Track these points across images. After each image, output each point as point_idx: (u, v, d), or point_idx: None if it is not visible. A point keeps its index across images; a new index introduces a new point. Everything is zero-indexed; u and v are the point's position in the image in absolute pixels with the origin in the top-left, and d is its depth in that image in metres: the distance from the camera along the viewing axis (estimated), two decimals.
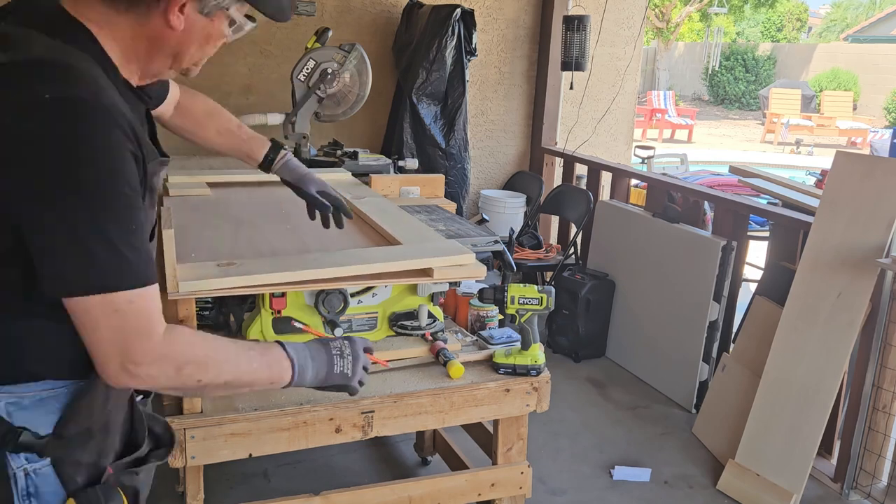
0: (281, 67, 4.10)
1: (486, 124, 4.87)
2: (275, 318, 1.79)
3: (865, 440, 2.63)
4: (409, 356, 1.90)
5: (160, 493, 2.52)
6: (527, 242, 4.16)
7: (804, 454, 2.55)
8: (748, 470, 2.66)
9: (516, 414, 1.93)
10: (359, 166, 3.03)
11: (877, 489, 2.63)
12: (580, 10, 4.57)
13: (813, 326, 2.61)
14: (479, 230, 2.29)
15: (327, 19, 4.23)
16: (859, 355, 2.64)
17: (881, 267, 2.49)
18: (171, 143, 4.57)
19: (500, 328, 2.08)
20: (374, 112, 4.34)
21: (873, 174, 2.59)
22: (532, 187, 4.68)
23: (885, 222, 2.50)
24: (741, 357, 2.97)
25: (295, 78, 3.05)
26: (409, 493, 1.90)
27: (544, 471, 2.73)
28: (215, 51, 1.18)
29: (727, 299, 3.22)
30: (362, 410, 1.72)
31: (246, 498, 1.86)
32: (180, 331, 1.07)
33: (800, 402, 2.59)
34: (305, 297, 1.80)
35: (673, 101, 15.40)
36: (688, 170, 6.64)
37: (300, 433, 1.68)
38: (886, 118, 17.19)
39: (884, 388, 2.58)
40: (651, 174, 4.50)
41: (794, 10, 26.20)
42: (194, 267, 1.56)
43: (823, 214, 2.68)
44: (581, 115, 4.89)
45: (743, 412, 2.76)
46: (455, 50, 4.18)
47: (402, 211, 2.21)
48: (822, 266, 2.63)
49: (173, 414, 1.61)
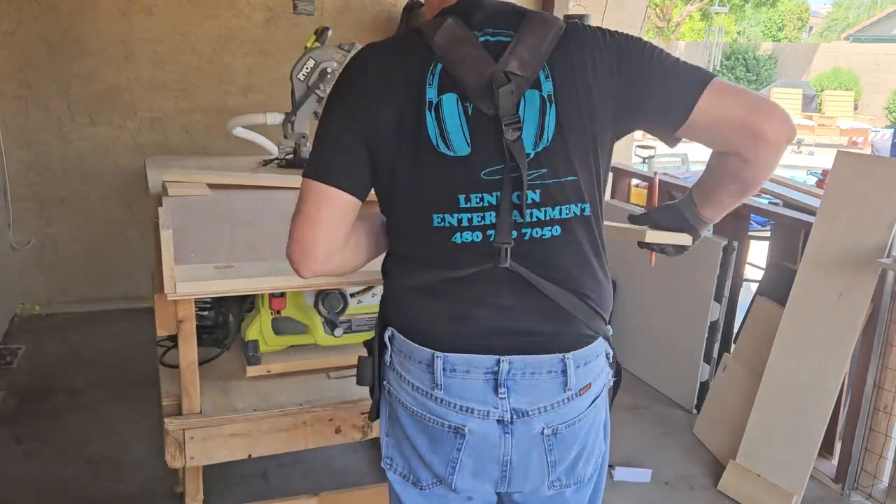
0: (280, 67, 4.09)
1: None
2: (275, 318, 1.79)
3: (866, 441, 2.62)
4: None
5: (160, 493, 2.52)
6: None
7: (805, 455, 2.55)
8: (749, 471, 2.66)
9: None
10: None
11: (878, 490, 2.63)
12: (581, 9, 4.56)
13: (814, 327, 2.60)
14: None
15: (327, 19, 4.23)
16: (860, 356, 2.64)
17: (882, 267, 2.48)
18: (171, 143, 4.56)
19: None
20: None
21: (874, 174, 2.58)
22: None
23: (887, 222, 2.49)
24: (742, 357, 2.96)
25: (294, 77, 3.04)
26: None
27: None
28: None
29: (728, 299, 3.21)
30: (362, 411, 1.71)
31: (246, 498, 1.86)
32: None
33: (801, 402, 2.59)
34: (305, 298, 1.79)
35: None
36: (689, 170, 6.64)
37: (300, 433, 1.67)
38: (887, 118, 17.18)
39: (885, 389, 2.58)
40: (652, 174, 4.49)
41: (795, 9, 26.18)
42: (192, 268, 1.55)
43: (824, 214, 2.68)
44: None
45: (744, 413, 2.76)
46: None
47: None
48: (823, 266, 2.62)
49: (173, 414, 1.60)
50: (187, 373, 1.58)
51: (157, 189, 2.44)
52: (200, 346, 1.66)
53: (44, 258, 4.09)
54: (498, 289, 1.16)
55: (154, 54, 4.04)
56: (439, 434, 1.19)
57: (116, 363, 3.52)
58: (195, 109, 4.17)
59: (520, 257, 1.14)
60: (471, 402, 1.16)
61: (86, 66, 3.94)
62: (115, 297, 4.19)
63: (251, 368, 1.77)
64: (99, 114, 4.01)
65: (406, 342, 1.20)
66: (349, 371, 1.82)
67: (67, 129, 3.99)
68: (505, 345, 1.16)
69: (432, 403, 1.18)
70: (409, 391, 1.21)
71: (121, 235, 4.17)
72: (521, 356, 1.16)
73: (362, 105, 1.16)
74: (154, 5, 3.98)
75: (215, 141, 4.19)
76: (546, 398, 1.18)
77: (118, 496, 2.52)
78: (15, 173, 3.94)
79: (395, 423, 1.26)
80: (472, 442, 1.18)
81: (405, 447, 1.26)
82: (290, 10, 4.18)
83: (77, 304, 4.15)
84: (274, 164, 3.16)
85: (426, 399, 1.19)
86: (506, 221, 1.13)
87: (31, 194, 4.01)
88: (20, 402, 3.12)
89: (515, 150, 1.11)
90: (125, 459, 2.72)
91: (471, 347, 1.16)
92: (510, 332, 1.16)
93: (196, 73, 4.13)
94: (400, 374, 1.22)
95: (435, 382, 1.17)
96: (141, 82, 4.05)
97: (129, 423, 2.96)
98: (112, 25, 3.94)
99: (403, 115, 1.14)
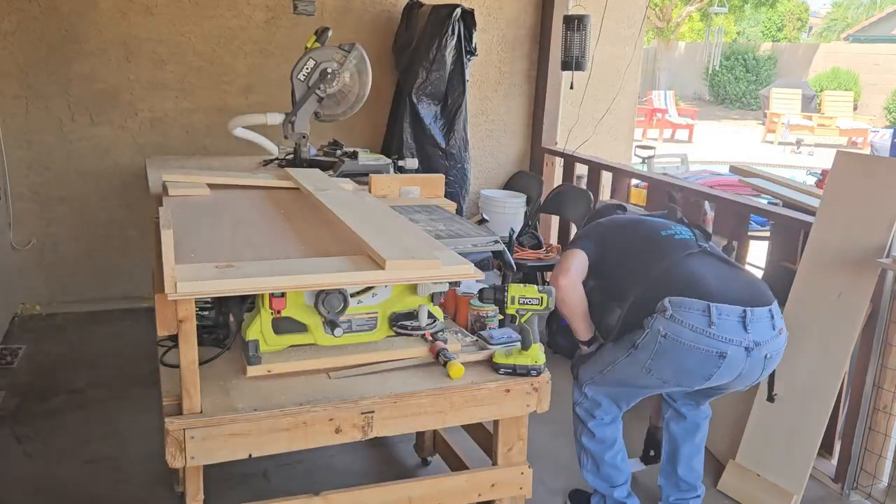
0: (281, 67, 4.10)
1: (486, 124, 4.87)
2: (275, 318, 1.79)
3: (866, 440, 2.63)
4: (409, 356, 1.90)
5: (160, 493, 2.52)
6: (527, 242, 4.16)
7: (805, 454, 2.55)
8: (748, 470, 2.66)
9: (516, 414, 1.93)
10: (358, 166, 3.03)
11: (877, 490, 2.63)
12: (580, 9, 4.56)
13: (813, 326, 2.61)
14: (479, 230, 2.28)
15: (327, 19, 4.23)
16: (860, 355, 2.64)
17: (882, 267, 2.49)
18: (171, 143, 4.56)
19: (500, 328, 2.08)
20: (374, 112, 4.33)
21: (874, 174, 2.59)
22: (532, 187, 4.68)
23: (886, 222, 2.50)
24: None
25: (295, 77, 3.05)
26: (409, 494, 1.89)
27: (544, 471, 2.72)
28: None
29: None
30: (362, 411, 1.71)
31: (246, 498, 1.86)
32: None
33: (800, 402, 2.59)
34: (305, 298, 1.79)
35: (673, 101, 15.39)
36: (688, 170, 6.63)
37: (300, 433, 1.68)
38: (887, 118, 17.18)
39: (884, 389, 2.58)
40: (651, 174, 4.49)
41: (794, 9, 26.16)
42: (193, 268, 1.55)
43: (824, 214, 2.68)
44: (581, 115, 4.88)
45: (743, 412, 2.76)
46: (455, 49, 4.18)
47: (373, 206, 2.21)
48: (823, 266, 2.63)
49: (173, 414, 1.60)
50: (188, 373, 1.58)
51: (158, 189, 2.44)
52: (201, 345, 1.66)
53: (44, 258, 4.10)
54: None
55: (154, 54, 4.04)
56: (707, 359, 2.00)
57: (116, 363, 3.52)
58: (195, 109, 4.17)
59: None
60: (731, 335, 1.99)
61: (86, 66, 3.95)
62: (115, 296, 4.20)
63: (251, 368, 1.77)
64: (99, 114, 4.02)
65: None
66: (349, 371, 1.83)
67: (68, 129, 3.99)
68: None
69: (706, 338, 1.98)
70: (687, 329, 1.98)
71: (121, 235, 4.18)
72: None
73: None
74: (154, 5, 3.99)
75: (215, 141, 4.20)
76: (767, 334, 2.06)
77: (118, 496, 2.52)
78: (15, 173, 3.95)
79: (662, 354, 2.02)
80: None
81: (664, 369, 2.06)
82: (290, 10, 4.19)
83: (77, 303, 4.16)
84: (274, 164, 3.17)
85: (701, 334, 1.98)
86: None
87: (32, 194, 4.01)
88: (20, 402, 3.12)
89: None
90: (125, 459, 2.73)
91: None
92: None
93: (196, 74, 4.13)
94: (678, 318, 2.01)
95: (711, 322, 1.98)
96: (141, 82, 4.05)
97: (129, 423, 2.96)
98: (112, 25, 3.94)
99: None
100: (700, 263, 2.12)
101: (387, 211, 2.22)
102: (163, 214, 1.78)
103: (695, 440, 2.38)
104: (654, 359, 2.03)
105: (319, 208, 2.19)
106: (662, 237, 2.21)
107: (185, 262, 1.58)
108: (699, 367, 1.99)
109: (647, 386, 2.19)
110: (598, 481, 2.39)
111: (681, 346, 1.97)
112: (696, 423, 2.38)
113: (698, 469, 2.41)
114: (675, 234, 2.21)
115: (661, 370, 2.05)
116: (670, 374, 2.05)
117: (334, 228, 1.99)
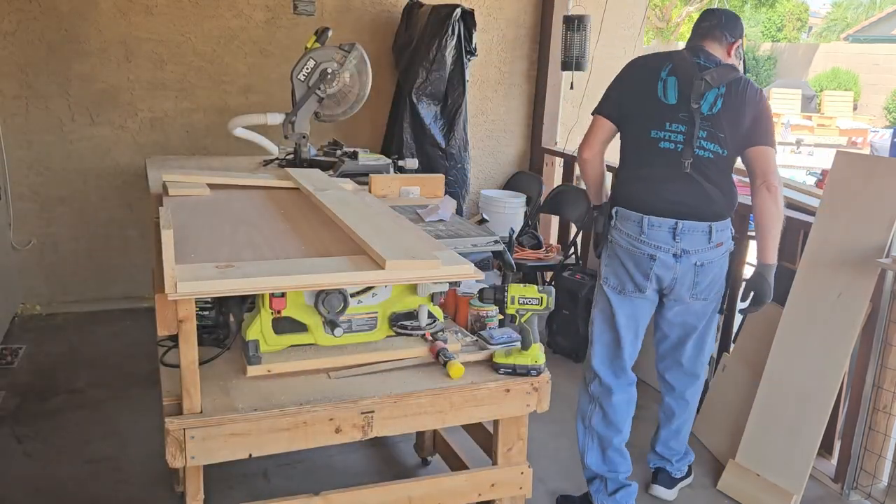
0: (281, 67, 4.10)
1: (486, 124, 4.87)
2: (275, 318, 1.79)
3: (866, 440, 2.63)
4: (409, 356, 1.90)
5: (160, 493, 2.52)
6: (527, 242, 4.16)
7: (804, 454, 2.55)
8: (748, 470, 2.66)
9: (516, 414, 1.93)
10: (358, 166, 3.03)
11: (877, 489, 2.63)
12: (580, 9, 4.56)
13: (813, 326, 2.61)
14: (479, 230, 2.28)
15: (327, 19, 4.23)
16: (860, 355, 2.64)
17: (881, 267, 2.49)
18: (171, 143, 4.57)
19: (500, 328, 2.08)
20: (374, 112, 4.34)
21: (874, 174, 2.59)
22: (532, 187, 4.68)
23: (886, 222, 2.50)
24: (741, 357, 2.97)
25: (295, 78, 3.05)
26: (409, 494, 1.89)
27: (544, 471, 2.73)
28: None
29: (727, 299, 3.21)
30: (362, 410, 1.72)
31: (246, 498, 1.86)
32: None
33: (800, 402, 2.59)
34: (305, 297, 1.80)
35: None
36: None
37: (300, 433, 1.68)
38: (887, 118, 17.16)
39: (884, 389, 2.58)
40: None
41: (794, 9, 26.16)
42: (193, 268, 1.55)
43: (824, 214, 2.68)
44: (581, 115, 4.87)
45: (743, 412, 2.76)
46: (455, 50, 4.17)
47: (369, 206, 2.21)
48: (823, 266, 2.63)
49: (173, 414, 1.60)
50: (188, 372, 1.58)
51: (158, 189, 2.44)
52: (201, 345, 1.66)
53: (44, 258, 4.10)
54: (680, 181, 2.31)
55: (154, 54, 4.04)
56: (641, 259, 2.32)
57: (117, 363, 3.53)
58: (195, 109, 4.17)
59: (693, 167, 2.29)
60: (659, 243, 2.30)
61: (86, 66, 3.95)
62: (115, 296, 4.20)
63: (251, 368, 1.77)
64: (99, 114, 4.02)
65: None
66: (349, 371, 1.83)
67: (68, 129, 3.99)
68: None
69: (639, 243, 2.32)
70: (625, 237, 2.35)
71: (121, 235, 4.18)
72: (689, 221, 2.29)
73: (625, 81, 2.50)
74: (154, 5, 3.99)
75: (216, 141, 4.20)
76: (699, 245, 2.30)
77: (118, 496, 2.53)
78: (15, 173, 3.95)
79: (614, 257, 2.39)
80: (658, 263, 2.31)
81: (619, 270, 2.38)
82: (290, 10, 4.19)
83: (77, 303, 4.16)
84: (274, 164, 3.17)
85: (635, 241, 2.32)
86: (688, 143, 2.28)
87: (32, 194, 4.02)
88: (20, 402, 3.12)
89: (696, 112, 2.28)
90: (125, 459, 2.73)
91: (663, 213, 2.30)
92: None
93: (196, 74, 4.13)
94: (620, 228, 2.37)
95: (642, 231, 2.31)
96: (141, 82, 4.06)
97: (129, 423, 2.96)
98: (112, 25, 3.95)
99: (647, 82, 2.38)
100: (663, 177, 2.31)
101: (387, 211, 2.22)
102: (163, 214, 1.77)
103: (671, 426, 2.64)
104: (608, 264, 2.43)
105: (319, 208, 2.19)
106: (650, 139, 2.34)
107: (185, 262, 1.58)
108: (637, 266, 2.34)
109: (617, 310, 2.42)
110: (602, 466, 2.49)
111: (621, 248, 2.37)
112: (673, 410, 2.62)
113: (676, 448, 2.68)
114: (662, 140, 2.32)
115: (616, 270, 2.40)
116: (623, 272, 2.39)
117: (334, 228, 1.99)
